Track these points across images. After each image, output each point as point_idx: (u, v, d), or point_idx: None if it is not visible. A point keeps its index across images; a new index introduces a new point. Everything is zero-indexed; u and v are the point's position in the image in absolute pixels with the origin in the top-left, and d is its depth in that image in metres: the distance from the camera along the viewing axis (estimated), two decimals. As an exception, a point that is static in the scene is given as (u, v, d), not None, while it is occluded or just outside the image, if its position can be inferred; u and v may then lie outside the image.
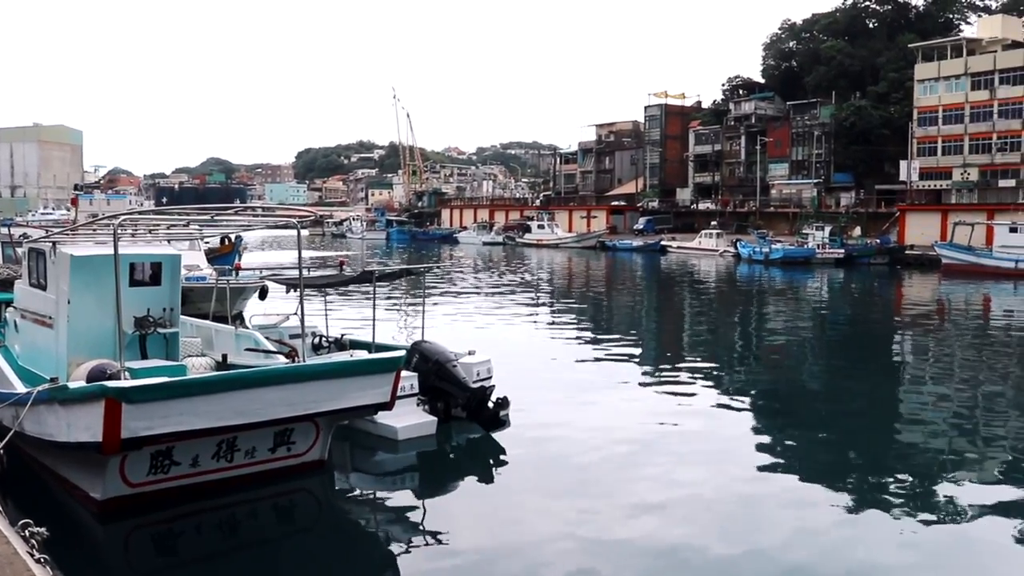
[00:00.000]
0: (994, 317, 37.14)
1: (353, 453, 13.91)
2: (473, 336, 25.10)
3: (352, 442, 14.06)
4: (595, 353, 24.72)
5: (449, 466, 14.07)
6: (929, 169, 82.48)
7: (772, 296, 45.33)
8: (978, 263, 56.32)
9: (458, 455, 14.50)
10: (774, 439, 15.72)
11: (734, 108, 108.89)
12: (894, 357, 26.74)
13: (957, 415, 17.71)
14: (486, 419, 14.67)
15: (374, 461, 13.86)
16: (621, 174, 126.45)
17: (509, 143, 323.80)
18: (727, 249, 73.62)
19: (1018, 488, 12.69)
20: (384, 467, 13.72)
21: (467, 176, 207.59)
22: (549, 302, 40.94)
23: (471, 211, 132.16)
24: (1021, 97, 76.87)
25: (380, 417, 13.67)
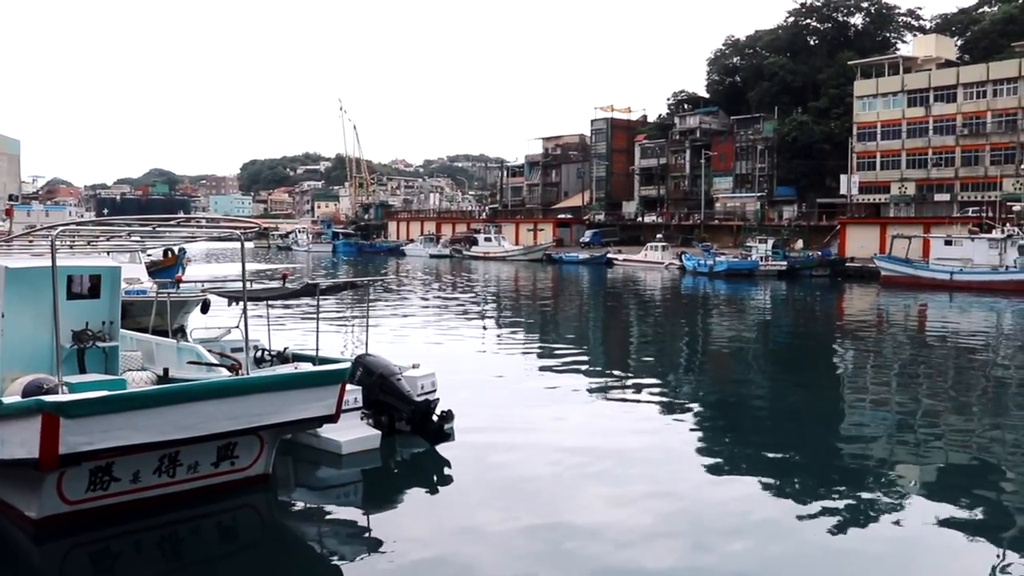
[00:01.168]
0: (931, 327, 37.96)
1: (296, 468, 13.74)
2: (418, 349, 25.00)
3: (295, 457, 13.89)
4: (541, 365, 24.74)
5: (393, 480, 13.96)
6: (868, 183, 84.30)
7: (717, 308, 45.83)
8: (915, 275, 57.58)
9: (402, 469, 14.40)
10: (720, 448, 15.86)
11: (679, 122, 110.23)
12: (836, 366, 27.17)
13: (898, 422, 18.03)
14: (430, 432, 14.59)
15: (318, 476, 13.69)
16: (568, 187, 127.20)
17: (456, 156, 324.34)
18: (672, 262, 74.34)
19: (954, 491, 12.95)
20: (328, 481, 13.56)
21: (414, 188, 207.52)
22: (495, 315, 40.95)
23: (418, 224, 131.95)
24: (954, 114, 79.03)
25: (323, 431, 13.51)
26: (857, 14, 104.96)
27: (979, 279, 54.29)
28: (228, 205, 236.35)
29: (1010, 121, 75.23)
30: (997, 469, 14.70)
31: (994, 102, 76.94)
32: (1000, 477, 14.25)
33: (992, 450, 15.90)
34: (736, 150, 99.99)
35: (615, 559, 10.26)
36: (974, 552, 10.76)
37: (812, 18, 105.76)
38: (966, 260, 56.14)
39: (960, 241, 57.88)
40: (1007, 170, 73.09)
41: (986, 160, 76.98)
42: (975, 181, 77.42)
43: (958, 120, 79.06)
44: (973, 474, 14.24)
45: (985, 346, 31.50)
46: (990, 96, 77.32)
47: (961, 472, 14.38)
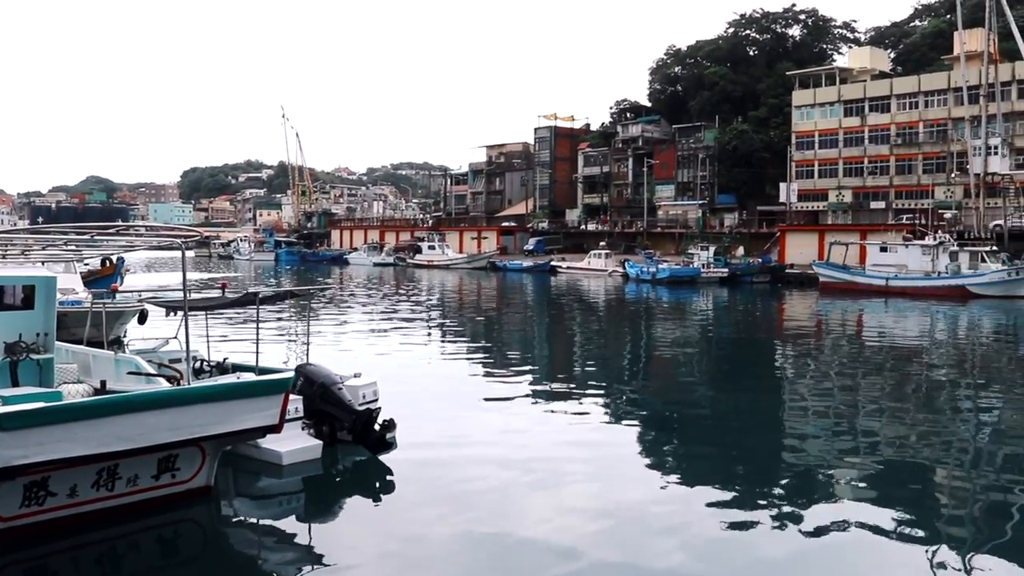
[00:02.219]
0: (868, 332, 38.75)
1: (237, 479, 13.56)
2: (361, 358, 24.85)
3: (235, 468, 13.70)
4: (485, 373, 24.75)
5: (335, 490, 13.87)
6: (807, 191, 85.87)
7: (660, 314, 46.26)
8: (852, 281, 58.73)
9: (344, 478, 14.31)
10: (664, 454, 16.02)
11: (622, 131, 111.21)
12: (777, 372, 27.58)
13: (838, 426, 18.37)
14: (372, 442, 14.51)
15: (259, 487, 13.53)
16: (511, 195, 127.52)
17: (400, 163, 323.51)
18: (616, 269, 74.86)
19: (892, 493, 13.24)
20: (269, 492, 13.41)
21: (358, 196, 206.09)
22: (439, 323, 40.87)
23: (362, 232, 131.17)
24: (889, 124, 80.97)
25: (264, 441, 13.37)
26: (795, 26, 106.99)
27: (913, 284, 55.56)
28: (168, 213, 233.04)
29: (941, 131, 77.20)
30: (932, 471, 15.07)
31: (926, 113, 78.96)
32: (935, 479, 14.61)
33: (927, 452, 16.29)
34: (678, 158, 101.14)
35: (559, 569, 10.29)
36: (911, 553, 11.01)
37: (751, 29, 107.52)
38: (901, 266, 57.41)
39: (895, 248, 59.19)
40: (938, 179, 75.02)
41: (919, 169, 78.93)
42: (909, 189, 79.31)
43: (892, 130, 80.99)
44: (909, 476, 14.57)
45: (919, 350, 32.27)
46: (922, 107, 79.35)
47: (898, 474, 14.69)
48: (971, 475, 14.92)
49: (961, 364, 29.04)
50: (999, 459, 15.83)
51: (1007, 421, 19.21)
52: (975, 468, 15.38)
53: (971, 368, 28.30)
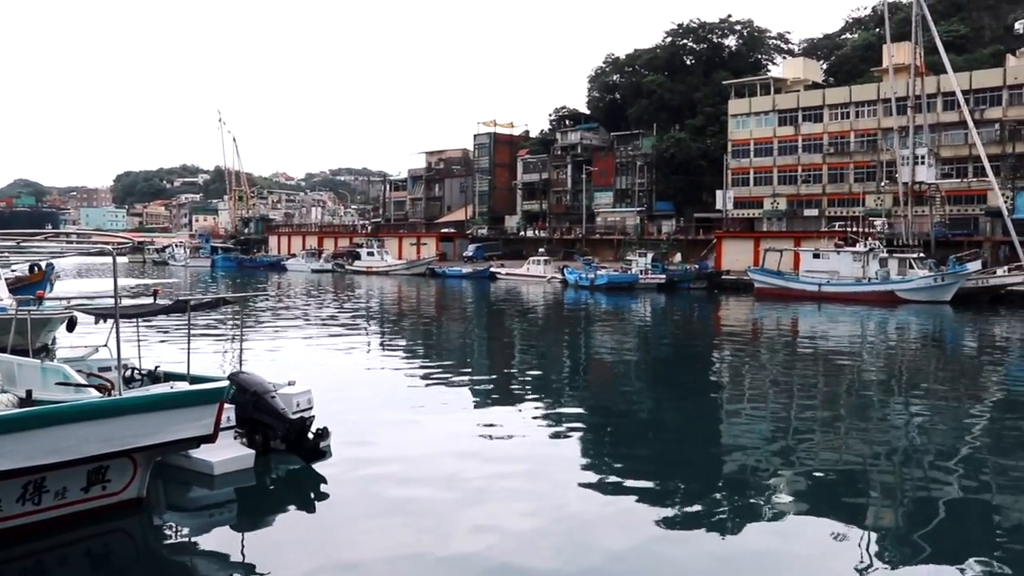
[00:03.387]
0: (801, 337, 39.49)
1: (167, 490, 13.29)
2: (296, 366, 24.59)
3: (165, 479, 13.43)
4: (423, 380, 24.66)
5: (269, 500, 13.70)
6: (743, 198, 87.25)
7: (598, 321, 46.56)
8: (786, 287, 59.78)
9: (278, 488, 14.15)
10: (601, 459, 16.11)
11: (561, 138, 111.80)
12: (714, 376, 27.91)
13: (773, 429, 18.66)
14: (306, 451, 14.35)
15: (190, 498, 13.29)
16: (451, 201, 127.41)
17: (339, 169, 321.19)
18: (554, 275, 75.19)
19: (824, 495, 13.52)
20: (201, 503, 13.17)
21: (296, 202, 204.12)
22: (378, 330, 40.64)
23: (300, 238, 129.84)
24: (821, 133, 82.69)
25: (195, 451, 13.15)
26: (731, 36, 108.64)
27: (844, 290, 56.74)
28: (101, 218, 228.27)
29: (871, 141, 79.05)
30: (863, 472, 15.41)
31: (856, 123, 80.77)
32: (866, 481, 14.94)
33: (859, 453, 16.64)
34: (616, 165, 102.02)
35: (497, 572, 10.32)
36: (843, 554, 11.24)
37: (689, 39, 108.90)
38: (833, 272, 58.58)
39: (827, 254, 60.36)
40: (869, 187, 76.75)
41: (850, 177, 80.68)
42: (841, 197, 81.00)
43: (825, 139, 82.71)
44: (842, 478, 14.88)
45: (852, 354, 32.96)
46: (853, 117, 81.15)
47: (832, 477, 14.99)
48: (901, 476, 15.30)
49: (891, 368, 29.74)
50: (927, 460, 16.24)
51: (934, 423, 19.71)
52: (905, 469, 15.77)
53: (900, 371, 28.99)
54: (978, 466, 15.88)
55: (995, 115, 71.74)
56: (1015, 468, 15.70)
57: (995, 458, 16.45)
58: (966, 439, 18.02)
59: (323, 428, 14.65)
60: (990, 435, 18.69)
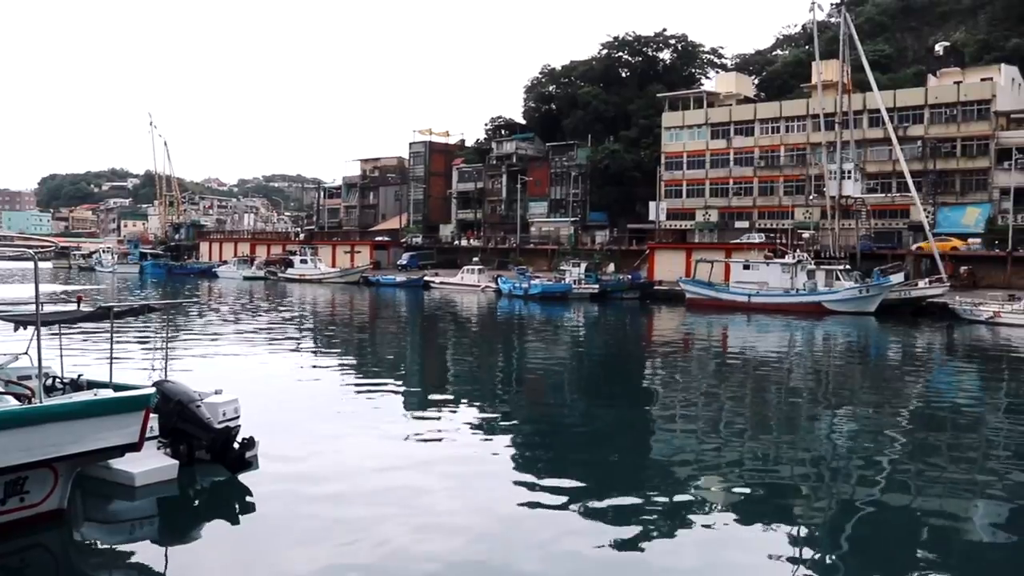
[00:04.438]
0: (731, 346, 40.04)
1: (86, 502, 12.88)
2: (224, 375, 24.20)
3: (84, 490, 13.00)
4: (355, 390, 24.42)
5: (192, 511, 13.39)
6: (675, 210, 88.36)
7: (532, 330, 46.63)
8: (717, 297, 60.60)
9: (202, 499, 13.84)
10: (532, 468, 16.08)
11: (496, 147, 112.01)
12: (646, 386, 28.14)
13: (703, 438, 18.84)
14: (231, 461, 14.06)
15: (110, 510, 12.91)
16: (385, 209, 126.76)
17: (272, 175, 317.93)
18: (488, 285, 75.19)
19: (752, 500, 13.68)
20: (122, 516, 12.82)
21: (228, 208, 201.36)
22: (310, 339, 40.17)
23: (231, 244, 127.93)
24: (752, 147, 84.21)
25: (116, 462, 12.76)
26: (666, 50, 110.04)
27: (773, 301, 57.72)
28: (24, 222, 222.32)
29: (800, 155, 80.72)
30: (791, 479, 15.65)
31: (787, 137, 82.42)
32: (794, 487, 15.16)
33: (786, 461, 16.91)
34: (551, 176, 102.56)
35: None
36: (768, 557, 11.37)
37: (624, 51, 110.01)
38: (762, 283, 59.53)
39: (757, 265, 61.35)
40: (798, 200, 78.37)
41: (780, 191, 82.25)
42: (771, 209, 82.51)
43: (756, 153, 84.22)
44: (769, 484, 15.09)
45: (780, 364, 33.51)
46: (783, 132, 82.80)
47: (760, 484, 15.19)
48: (827, 483, 15.56)
49: (818, 377, 30.31)
50: (853, 468, 16.56)
51: (859, 431, 20.10)
52: (831, 476, 16.04)
53: (827, 381, 29.56)
54: (900, 472, 16.24)
55: (917, 132, 73.80)
56: (935, 474, 16.09)
57: (917, 465, 16.83)
58: (889, 447, 18.41)
59: (249, 438, 14.39)
60: (912, 443, 19.12)
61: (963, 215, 70.79)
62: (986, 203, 70.40)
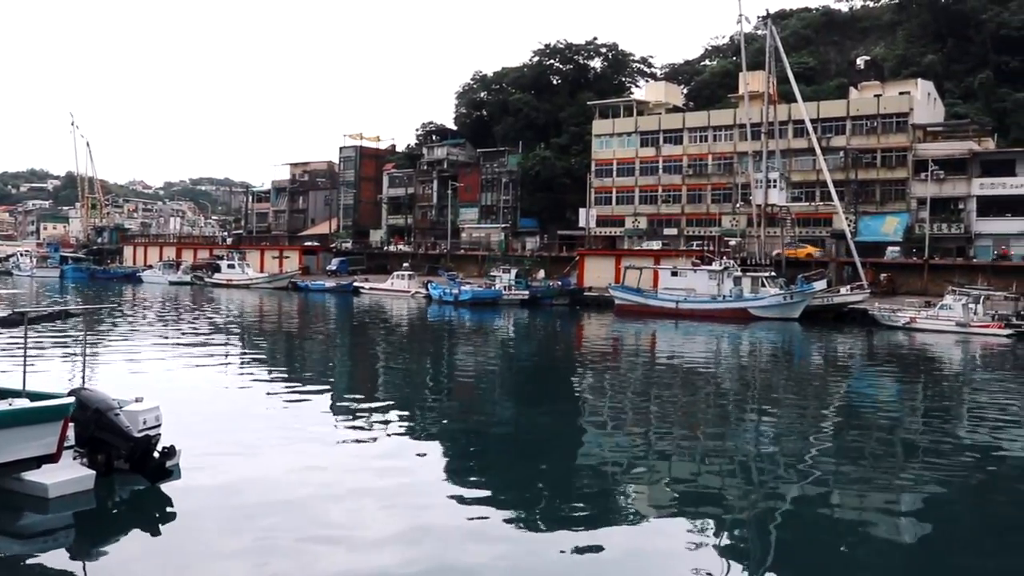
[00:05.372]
0: (660, 352, 40.53)
1: None
2: (146, 382, 23.68)
3: None
4: (282, 397, 24.07)
5: (110, 523, 12.99)
6: (605, 217, 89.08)
7: (462, 336, 46.61)
8: (645, 304, 61.15)
9: (120, 511, 13.45)
10: (463, 475, 16.04)
11: (427, 153, 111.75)
12: (576, 392, 28.30)
13: (633, 442, 19.04)
14: (151, 470, 13.70)
15: (22, 524, 12.43)
16: (315, 214, 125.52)
17: (199, 179, 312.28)
18: (419, 290, 74.89)
19: (682, 504, 13.85)
20: (34, 530, 12.36)
21: (153, 212, 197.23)
22: (236, 345, 39.57)
23: (157, 249, 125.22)
24: (681, 155, 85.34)
25: (28, 473, 12.35)
26: (596, 58, 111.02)
27: (701, 307, 58.50)
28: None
29: (727, 164, 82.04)
30: (718, 481, 15.88)
31: (714, 146, 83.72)
32: (721, 488, 15.39)
33: (714, 463, 17.16)
34: (482, 182, 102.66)
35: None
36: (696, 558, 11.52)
37: (555, 59, 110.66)
38: (690, 290, 60.31)
39: (684, 272, 62.13)
40: (725, 208, 79.60)
41: (708, 198, 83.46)
42: (699, 217, 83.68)
43: (684, 161, 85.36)
44: (697, 486, 15.31)
45: (707, 368, 34.00)
46: (711, 141, 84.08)
47: (686, 486, 15.40)
48: (754, 484, 15.84)
49: (744, 381, 30.85)
50: (778, 469, 16.88)
51: (784, 433, 20.51)
52: (758, 477, 16.33)
53: (752, 385, 30.10)
54: (823, 472, 16.60)
55: (840, 143, 75.59)
56: (855, 474, 16.48)
57: (838, 465, 17.24)
58: (813, 448, 18.81)
59: (170, 447, 14.03)
60: (834, 444, 19.58)
61: (883, 224, 72.71)
62: (904, 212, 72.43)
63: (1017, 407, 26.23)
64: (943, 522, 13.79)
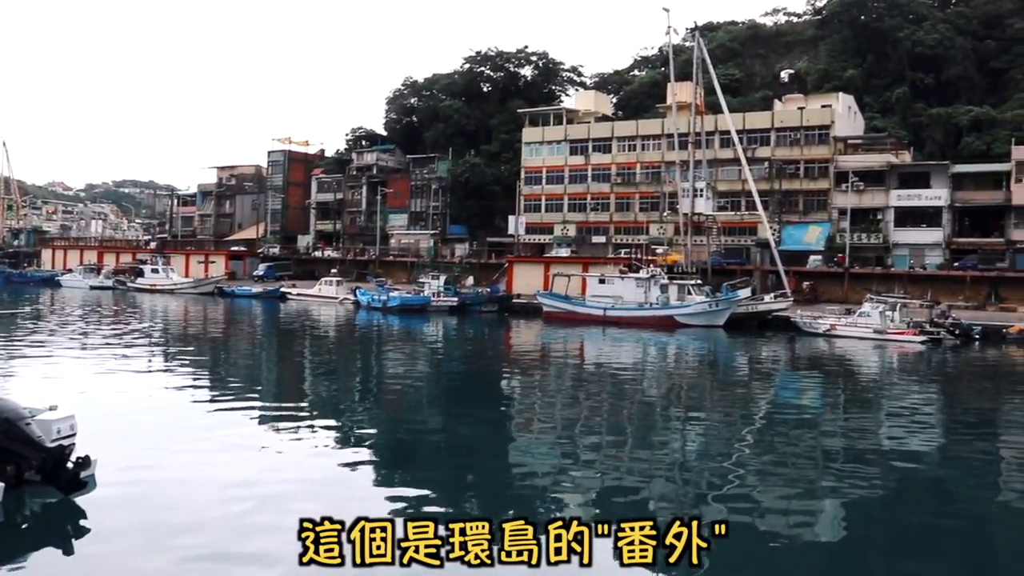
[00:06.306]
0: (587, 359, 40.86)
1: None
2: (62, 390, 23.06)
3: None
4: (205, 405, 23.70)
5: (19, 539, 12.58)
6: (534, 224, 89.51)
7: (391, 343, 46.39)
8: (573, 311, 61.53)
9: (31, 525, 13.06)
10: (392, 482, 15.99)
11: (357, 158, 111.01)
12: (504, 399, 28.38)
13: (560, 448, 19.16)
14: (65, 482, 13.25)
15: None
16: (242, 219, 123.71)
17: (123, 181, 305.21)
18: (347, 297, 74.30)
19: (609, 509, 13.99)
20: None
21: (74, 214, 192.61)
22: (159, 352, 38.80)
23: (78, 252, 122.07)
24: (610, 164, 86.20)
25: None
26: (527, 66, 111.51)
27: (628, 315, 59.06)
28: None
29: (655, 173, 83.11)
30: (645, 485, 16.10)
31: (642, 155, 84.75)
32: (648, 493, 15.59)
33: (641, 468, 17.38)
34: (411, 188, 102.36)
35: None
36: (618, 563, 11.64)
37: (486, 66, 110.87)
38: (617, 297, 60.85)
39: (612, 280, 62.67)
40: (652, 216, 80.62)
41: (636, 207, 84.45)
42: (627, 225, 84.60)
43: (613, 169, 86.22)
44: (625, 491, 15.48)
45: (634, 375, 34.41)
46: (639, 150, 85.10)
47: (615, 491, 15.56)
48: (679, 487, 16.08)
49: (670, 387, 31.28)
50: (703, 472, 17.17)
51: (709, 437, 20.86)
52: (684, 480, 16.58)
53: (679, 391, 30.53)
54: (747, 474, 16.92)
55: (765, 154, 77.16)
56: (778, 475, 16.84)
57: (762, 467, 17.59)
58: (737, 452, 19.18)
59: (84, 457, 13.62)
60: (758, 447, 19.97)
61: (806, 233, 74.45)
62: (826, 222, 74.24)
63: (929, 410, 27.11)
64: (860, 523, 14.17)
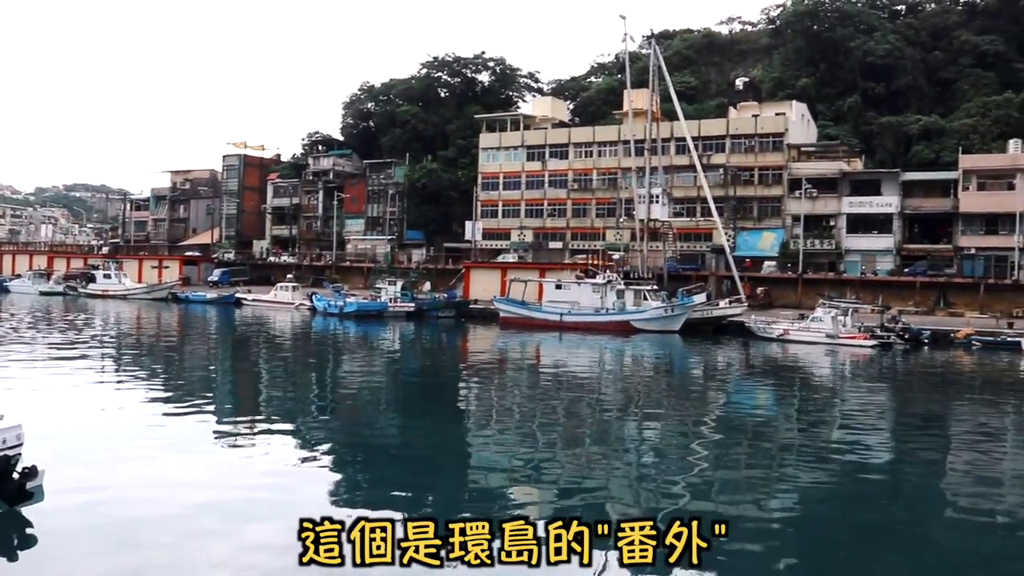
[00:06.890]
0: (543, 364, 40.98)
1: None
2: (8, 398, 22.62)
3: None
4: (158, 413, 23.38)
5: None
6: (491, 230, 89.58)
7: (347, 349, 46.18)
8: (530, 316, 61.65)
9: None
10: (350, 489, 15.93)
11: (313, 163, 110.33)
12: (461, 404, 28.40)
13: (518, 451, 19.22)
14: (10, 492, 13.01)
15: None
16: (196, 223, 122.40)
17: (74, 185, 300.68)
18: (303, 302, 73.79)
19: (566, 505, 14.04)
20: None
21: (23, 218, 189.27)
22: (111, 359, 38.26)
23: (27, 257, 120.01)
24: (566, 170, 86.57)
25: None
26: (484, 72, 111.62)
27: (584, 320, 59.35)
28: None
29: (611, 179, 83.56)
30: (604, 488, 16.24)
31: (599, 161, 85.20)
32: (606, 496, 15.71)
33: (599, 471, 17.51)
34: (368, 193, 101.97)
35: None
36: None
37: (444, 72, 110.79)
38: (574, 302, 61.10)
39: (568, 285, 62.93)
40: (609, 222, 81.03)
41: (592, 213, 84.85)
42: (583, 231, 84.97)
43: (570, 175, 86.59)
44: (583, 494, 15.58)
45: (590, 379, 34.59)
46: (596, 156, 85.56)
47: (573, 494, 15.65)
48: (635, 489, 16.20)
49: (627, 391, 31.50)
50: (659, 474, 17.33)
51: (665, 440, 21.06)
52: (640, 482, 16.71)
53: (635, 395, 30.74)
54: (703, 476, 17.11)
55: (720, 161, 77.97)
56: (731, 476, 17.04)
57: (717, 468, 17.81)
58: (693, 453, 19.38)
59: (31, 467, 13.34)
60: (712, 448, 20.19)
61: (760, 239, 75.34)
62: (780, 229, 75.17)
63: (878, 412, 27.59)
64: (812, 522, 14.39)
